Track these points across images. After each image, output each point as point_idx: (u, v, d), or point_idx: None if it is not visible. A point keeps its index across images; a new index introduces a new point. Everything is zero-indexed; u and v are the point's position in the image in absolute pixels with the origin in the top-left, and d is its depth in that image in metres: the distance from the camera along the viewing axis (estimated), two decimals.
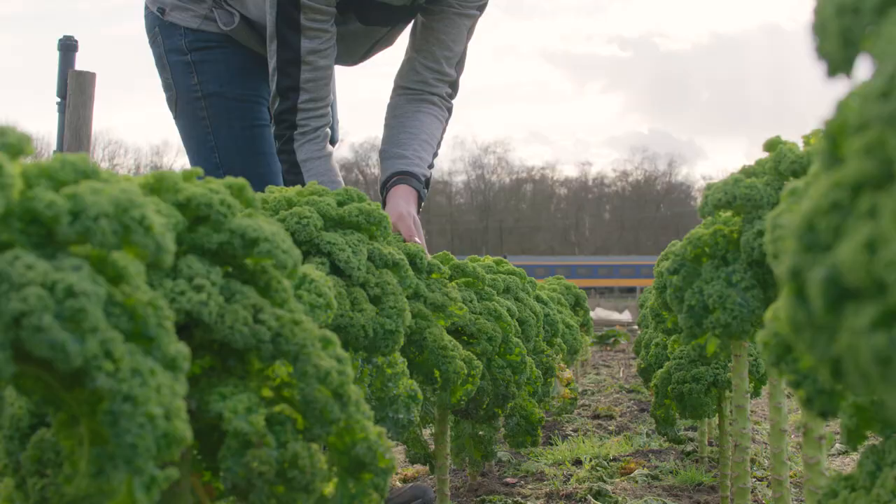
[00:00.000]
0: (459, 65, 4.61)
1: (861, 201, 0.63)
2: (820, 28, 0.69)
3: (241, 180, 1.39)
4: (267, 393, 1.26)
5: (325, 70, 4.11)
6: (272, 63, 4.10)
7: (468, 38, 4.61)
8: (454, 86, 4.63)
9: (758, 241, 2.23)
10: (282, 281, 1.35)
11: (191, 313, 1.18)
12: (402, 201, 3.98)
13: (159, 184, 1.28)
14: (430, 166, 4.37)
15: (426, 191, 4.23)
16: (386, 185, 4.21)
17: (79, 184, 0.99)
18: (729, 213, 2.41)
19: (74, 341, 0.90)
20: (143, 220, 0.98)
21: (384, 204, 4.05)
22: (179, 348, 1.01)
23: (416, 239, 3.56)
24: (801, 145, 2.39)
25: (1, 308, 0.88)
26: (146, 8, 4.86)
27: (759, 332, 1.19)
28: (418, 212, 4.02)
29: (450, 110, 4.65)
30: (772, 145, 2.41)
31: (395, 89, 4.62)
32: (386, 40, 4.73)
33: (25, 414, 1.44)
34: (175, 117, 4.83)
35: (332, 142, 5.36)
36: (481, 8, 4.59)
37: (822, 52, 0.69)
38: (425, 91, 4.53)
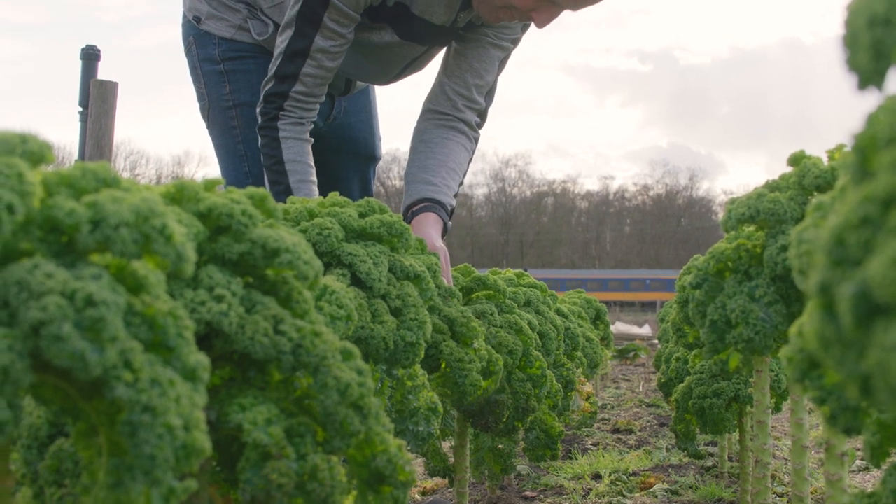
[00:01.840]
0: (489, 96, 4.60)
1: (891, 216, 0.62)
2: (851, 40, 0.68)
3: (262, 191, 1.38)
4: (287, 404, 1.25)
5: (329, 71, 4.11)
6: (279, 48, 4.10)
7: (499, 71, 4.60)
8: (482, 115, 4.61)
9: (781, 255, 2.22)
10: (303, 292, 1.34)
11: (211, 324, 1.18)
12: (433, 231, 3.98)
13: (180, 193, 1.28)
14: (455, 195, 4.38)
15: (450, 222, 4.23)
16: (411, 209, 4.21)
17: (99, 192, 0.99)
18: (752, 228, 2.40)
19: (94, 351, 0.89)
20: (163, 229, 0.98)
21: None
22: (199, 359, 1.01)
23: (444, 278, 3.51)
24: (825, 160, 2.38)
25: (20, 317, 0.88)
26: (184, 17, 4.89)
27: (784, 348, 1.18)
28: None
29: (476, 140, 4.63)
30: (796, 160, 2.40)
31: (423, 112, 4.60)
32: (420, 62, 4.71)
33: (44, 423, 1.43)
34: (207, 126, 4.85)
35: (375, 158, 5.38)
36: (515, 42, 4.58)
37: (852, 64, 0.68)
38: (454, 116, 4.51)
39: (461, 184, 4.50)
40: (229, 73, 4.69)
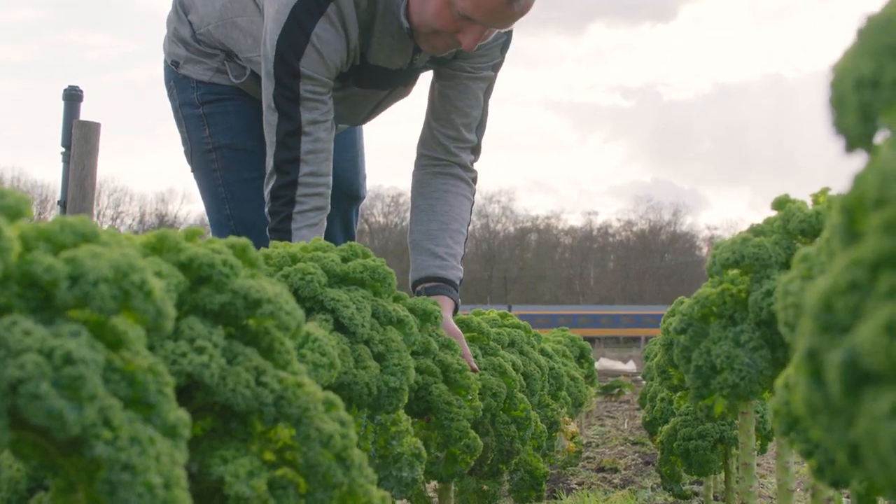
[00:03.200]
0: (480, 128, 4.57)
1: (880, 281, 0.62)
2: (838, 102, 0.67)
3: (243, 240, 1.38)
4: (269, 456, 1.24)
5: (326, 143, 4.07)
6: (270, 136, 4.05)
7: (487, 98, 4.57)
8: (476, 150, 4.60)
9: (766, 300, 2.21)
10: (284, 342, 1.33)
11: (192, 375, 1.17)
12: (447, 314, 3.89)
13: (161, 243, 1.27)
14: (462, 257, 4.40)
15: (459, 299, 4.22)
16: (421, 284, 4.22)
17: (78, 247, 0.98)
18: (736, 272, 2.40)
19: (72, 409, 0.88)
20: (143, 284, 0.97)
21: None
22: (180, 415, 1.00)
23: (474, 364, 3.49)
24: (809, 203, 2.38)
25: None
26: (164, 61, 4.89)
27: (771, 400, 1.17)
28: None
29: (475, 180, 4.63)
30: (780, 204, 2.40)
31: (418, 158, 4.60)
32: (389, 101, 4.70)
33: (23, 477, 1.42)
34: (192, 170, 4.86)
35: (359, 198, 5.37)
36: (496, 67, 4.54)
37: (839, 126, 0.67)
38: (448, 161, 4.50)
39: (467, 237, 4.51)
40: (208, 117, 4.69)
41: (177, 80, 4.80)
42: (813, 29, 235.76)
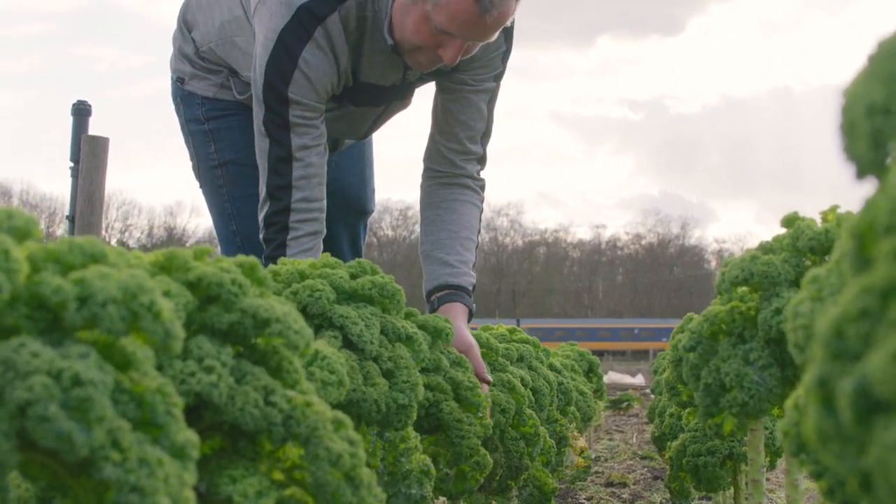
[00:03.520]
0: (485, 137, 4.55)
1: (891, 309, 0.61)
2: (849, 128, 0.67)
3: (252, 259, 1.38)
4: (278, 476, 1.24)
5: (318, 168, 4.05)
6: (262, 162, 4.05)
7: (492, 107, 4.54)
8: (482, 160, 4.58)
9: (776, 318, 2.21)
10: (293, 361, 1.33)
11: (201, 395, 1.17)
12: (461, 323, 3.90)
13: (170, 262, 1.27)
14: (474, 264, 4.39)
15: (474, 305, 4.21)
16: (434, 294, 4.22)
17: (87, 268, 0.98)
18: (746, 289, 2.39)
19: (81, 431, 0.88)
20: (151, 306, 0.97)
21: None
22: (188, 436, 0.99)
23: (487, 376, 3.49)
24: (818, 220, 2.37)
25: (6, 397, 0.87)
26: (171, 77, 4.90)
27: (781, 422, 1.17)
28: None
29: (482, 187, 4.61)
30: (789, 221, 2.40)
31: (425, 171, 4.59)
32: (386, 115, 4.70)
33: (32, 497, 1.42)
34: (200, 186, 4.85)
35: (367, 212, 5.37)
36: (498, 77, 4.51)
37: (850, 153, 0.67)
38: (455, 173, 4.49)
39: (478, 245, 4.50)
40: (213, 133, 4.68)
41: (183, 97, 4.80)
42: (821, 42, 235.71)
